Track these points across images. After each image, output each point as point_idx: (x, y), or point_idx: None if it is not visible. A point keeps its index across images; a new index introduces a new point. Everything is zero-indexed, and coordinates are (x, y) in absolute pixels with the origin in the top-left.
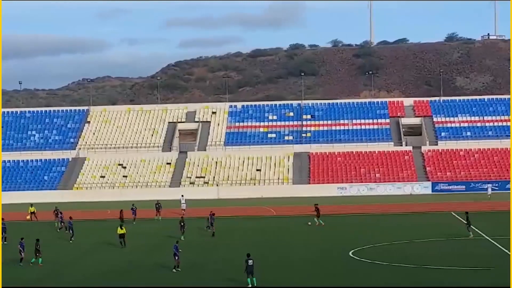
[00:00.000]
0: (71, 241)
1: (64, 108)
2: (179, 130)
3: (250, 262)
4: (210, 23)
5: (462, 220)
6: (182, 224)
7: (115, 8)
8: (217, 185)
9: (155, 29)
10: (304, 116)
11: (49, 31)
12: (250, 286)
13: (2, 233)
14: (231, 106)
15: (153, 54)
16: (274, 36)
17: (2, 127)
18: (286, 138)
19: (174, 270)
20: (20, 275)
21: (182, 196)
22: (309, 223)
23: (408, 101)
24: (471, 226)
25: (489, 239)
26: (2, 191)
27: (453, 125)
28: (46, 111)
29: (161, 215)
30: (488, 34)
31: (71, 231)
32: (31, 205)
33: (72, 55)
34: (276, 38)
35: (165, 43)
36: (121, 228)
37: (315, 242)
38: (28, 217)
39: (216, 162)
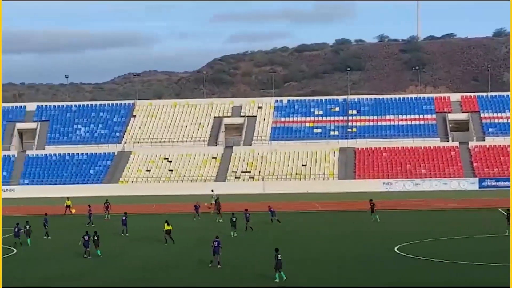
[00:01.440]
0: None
1: (110, 102)
2: (225, 124)
3: (279, 257)
4: (259, 18)
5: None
6: (233, 220)
7: (165, 2)
8: (263, 180)
9: (204, 23)
10: (350, 111)
11: (99, 25)
12: (277, 281)
13: (44, 228)
14: (277, 101)
15: (201, 49)
16: (320, 31)
17: (48, 120)
18: (331, 133)
19: (214, 266)
20: (66, 267)
21: (212, 190)
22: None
23: (455, 97)
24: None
25: None
26: (48, 184)
27: (500, 120)
28: (92, 105)
29: (215, 210)
30: None
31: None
32: (68, 198)
33: (121, 49)
34: (322, 33)
35: (214, 37)
36: (168, 225)
37: (360, 237)
38: (74, 210)
39: (262, 157)
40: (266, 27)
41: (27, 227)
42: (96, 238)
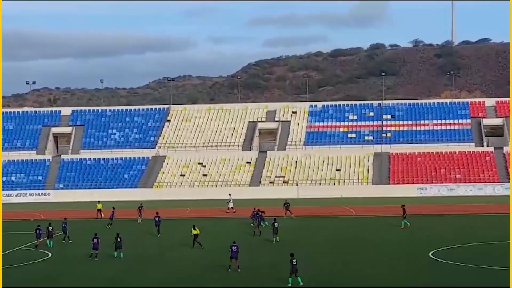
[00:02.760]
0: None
1: (145, 107)
2: (259, 129)
3: (294, 262)
4: (294, 22)
5: None
6: (276, 225)
7: (202, 6)
8: (297, 185)
9: (240, 28)
10: (385, 116)
11: (135, 29)
12: (290, 285)
13: (64, 233)
14: (311, 106)
15: (236, 53)
16: (354, 35)
17: (84, 125)
18: (366, 138)
19: (234, 270)
20: (100, 271)
21: (230, 195)
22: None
23: (489, 102)
24: None
25: None
26: (83, 188)
27: None
28: (127, 109)
29: (292, 213)
30: None
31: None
32: (99, 202)
33: (157, 53)
34: (356, 38)
35: (249, 42)
36: (194, 229)
37: (394, 242)
38: (103, 215)
39: (296, 162)
40: (302, 32)
41: (50, 228)
42: (119, 240)
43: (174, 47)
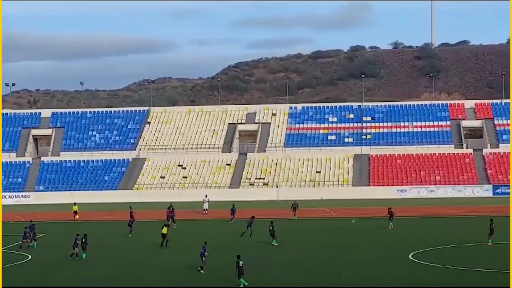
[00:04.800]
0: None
1: (125, 109)
2: (239, 131)
3: (241, 263)
4: (279, 24)
5: None
6: (271, 228)
7: (187, 8)
8: (277, 187)
9: (223, 30)
10: (364, 118)
11: (119, 31)
12: (241, 286)
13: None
14: (291, 108)
15: (219, 56)
16: (337, 37)
17: (63, 127)
18: (346, 140)
19: (202, 271)
20: (83, 275)
21: (206, 196)
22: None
23: (469, 104)
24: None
25: None
26: (63, 190)
27: None
28: (107, 111)
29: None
30: None
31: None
32: (74, 203)
33: (141, 55)
34: (338, 40)
35: (233, 43)
36: (163, 228)
37: (374, 243)
38: (77, 217)
39: (276, 164)
40: (286, 33)
41: (34, 231)
42: (84, 241)
43: (158, 49)
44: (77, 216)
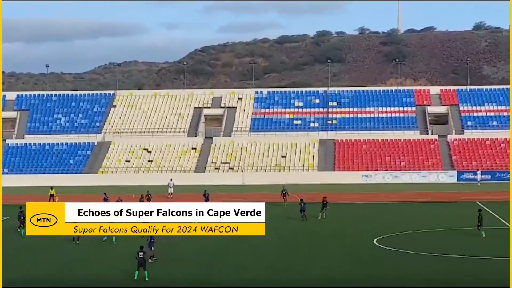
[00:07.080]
0: None
1: (91, 92)
2: (204, 115)
3: (141, 254)
4: (249, 9)
5: (488, 209)
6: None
7: None
8: (242, 171)
9: (194, 14)
10: (330, 103)
11: (89, 15)
12: (135, 279)
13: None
14: (257, 92)
15: (188, 39)
16: (302, 23)
17: (28, 109)
18: (311, 125)
19: (150, 260)
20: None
21: (171, 180)
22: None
23: (434, 90)
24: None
25: None
26: (28, 173)
27: (479, 114)
28: (73, 94)
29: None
30: None
31: None
32: (51, 187)
33: (110, 38)
34: (306, 25)
35: (202, 28)
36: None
37: (339, 229)
38: (57, 199)
39: (242, 148)
40: (254, 18)
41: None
42: (22, 217)
43: (127, 33)
44: (56, 198)
